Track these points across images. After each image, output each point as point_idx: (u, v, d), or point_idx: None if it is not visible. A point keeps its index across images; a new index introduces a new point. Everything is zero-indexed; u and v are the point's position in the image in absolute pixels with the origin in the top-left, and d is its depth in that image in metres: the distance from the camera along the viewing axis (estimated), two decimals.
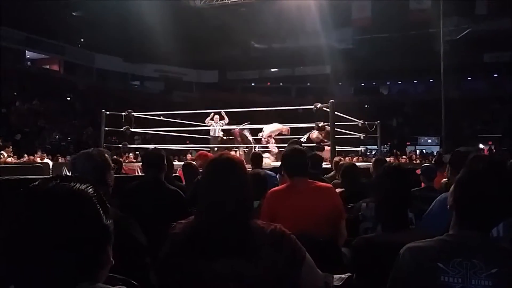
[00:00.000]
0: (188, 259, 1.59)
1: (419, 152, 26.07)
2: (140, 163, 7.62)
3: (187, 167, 5.53)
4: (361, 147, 16.89)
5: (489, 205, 1.47)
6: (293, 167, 3.11)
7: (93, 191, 1.03)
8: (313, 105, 8.76)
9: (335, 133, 8.33)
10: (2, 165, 11.01)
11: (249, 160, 5.55)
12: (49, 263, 0.93)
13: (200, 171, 5.13)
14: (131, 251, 1.94)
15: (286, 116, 10.95)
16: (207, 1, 25.18)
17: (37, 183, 1.01)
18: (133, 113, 10.49)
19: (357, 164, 6.67)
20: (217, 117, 11.89)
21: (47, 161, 13.53)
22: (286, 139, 11.02)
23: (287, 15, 25.30)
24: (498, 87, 30.72)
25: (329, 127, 8.38)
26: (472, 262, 1.42)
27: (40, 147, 16.65)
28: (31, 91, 24.63)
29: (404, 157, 21.69)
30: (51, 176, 1.07)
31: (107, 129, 10.20)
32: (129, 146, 11.95)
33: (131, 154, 16.26)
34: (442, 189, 3.84)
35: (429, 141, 30.22)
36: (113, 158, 5.65)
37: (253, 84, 37.76)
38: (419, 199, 3.42)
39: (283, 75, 36.11)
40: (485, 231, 1.53)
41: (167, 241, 1.71)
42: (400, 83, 36.49)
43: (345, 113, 10.35)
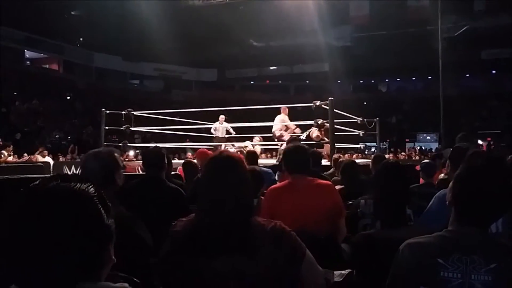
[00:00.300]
0: (189, 257, 1.60)
1: (418, 148, 26.10)
2: (140, 162, 7.62)
3: (187, 165, 5.54)
4: (360, 144, 16.89)
5: (487, 201, 1.48)
6: (294, 164, 3.10)
7: (94, 191, 1.03)
8: (312, 103, 8.77)
9: (334, 131, 8.34)
10: (2, 165, 11.01)
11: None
12: (50, 263, 0.93)
13: (200, 169, 5.14)
14: (136, 250, 1.95)
15: (277, 115, 10.91)
16: None
17: (38, 182, 1.01)
18: (133, 112, 10.49)
19: (356, 161, 6.67)
20: (222, 117, 11.88)
21: (47, 160, 13.52)
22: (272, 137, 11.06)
23: (286, 13, 25.26)
24: (496, 84, 30.71)
25: (328, 125, 8.39)
26: (471, 257, 1.43)
27: (40, 146, 16.60)
28: (30, 90, 24.61)
29: (403, 153, 21.71)
30: (51, 175, 1.07)
31: (107, 128, 10.20)
32: (129, 144, 11.96)
33: (132, 152, 16.25)
34: (439, 185, 3.83)
35: (428, 138, 30.24)
36: None
37: (252, 82, 37.74)
38: (418, 196, 3.42)
39: (282, 73, 36.07)
40: (484, 227, 1.53)
41: (167, 239, 1.71)
42: (398, 80, 36.46)
43: (344, 111, 10.37)
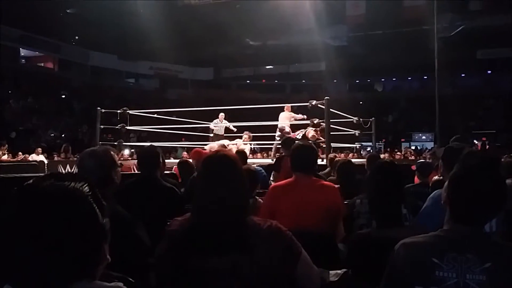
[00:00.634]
0: (184, 256, 1.60)
1: (413, 148, 26.17)
2: (135, 161, 7.60)
3: (182, 164, 5.53)
4: (356, 143, 16.91)
5: (482, 201, 1.48)
6: (300, 162, 3.11)
7: (88, 190, 1.02)
8: (308, 102, 8.78)
9: (330, 130, 8.35)
10: None
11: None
12: (44, 262, 0.93)
13: (195, 169, 5.13)
14: (134, 250, 1.94)
15: (281, 113, 10.93)
16: None
17: (31, 181, 1.00)
18: (128, 111, 10.46)
19: (352, 160, 6.68)
20: (222, 114, 11.85)
21: (42, 159, 13.47)
22: (270, 136, 11.07)
23: (282, 12, 25.26)
24: (491, 83, 30.85)
25: (324, 124, 8.40)
26: (466, 257, 1.44)
27: (35, 145, 16.56)
28: (25, 89, 24.53)
29: (398, 153, 21.76)
30: (45, 174, 1.06)
31: (102, 126, 10.17)
32: (124, 143, 11.94)
33: (127, 151, 16.22)
34: (433, 186, 3.81)
35: (424, 137, 30.33)
36: None
37: (248, 81, 37.70)
38: (413, 195, 3.43)
39: (278, 72, 36.05)
40: (479, 226, 1.54)
41: (164, 238, 1.71)
42: (394, 80, 36.54)
43: (340, 110, 10.38)
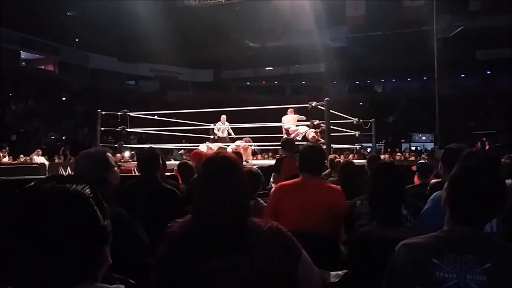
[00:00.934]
0: (185, 257, 1.60)
1: (413, 149, 26.16)
2: (136, 163, 7.60)
3: (182, 166, 5.53)
4: (356, 144, 16.90)
5: (482, 201, 1.48)
6: (308, 164, 3.12)
7: (90, 192, 1.02)
8: (308, 103, 8.77)
9: (330, 131, 8.35)
10: None
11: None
12: (46, 264, 0.93)
13: (195, 171, 5.13)
14: (134, 251, 1.94)
15: (281, 114, 10.92)
16: (201, 0, 25.14)
17: (33, 184, 1.00)
18: (128, 113, 10.45)
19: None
20: (224, 116, 11.85)
21: (43, 161, 13.49)
22: (270, 138, 11.06)
23: (282, 13, 25.29)
24: (491, 84, 30.84)
25: (324, 125, 8.39)
26: (466, 257, 1.44)
27: (36, 148, 16.57)
28: (26, 91, 24.55)
29: (398, 154, 21.75)
30: (47, 176, 1.06)
31: (102, 129, 10.16)
32: (125, 145, 11.93)
33: (127, 153, 16.24)
34: (432, 189, 3.79)
35: (424, 138, 30.30)
36: None
37: (248, 83, 37.70)
38: (413, 196, 3.42)
39: (278, 74, 36.04)
40: (479, 227, 1.54)
41: (164, 240, 1.71)
42: (394, 80, 36.54)
43: (340, 111, 10.37)
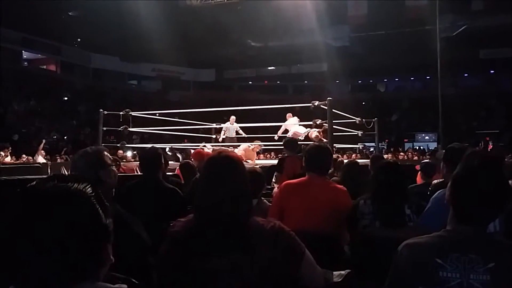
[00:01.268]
0: (187, 256, 1.60)
1: (416, 148, 26.11)
2: (138, 163, 7.61)
3: (184, 166, 5.53)
4: (359, 144, 16.90)
5: (485, 200, 1.48)
6: (313, 163, 3.11)
7: (91, 191, 1.02)
8: (310, 103, 8.76)
9: (333, 131, 8.34)
10: (0, 166, 10.97)
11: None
12: (49, 263, 0.93)
13: (197, 170, 5.13)
14: (134, 249, 1.94)
15: (283, 114, 10.92)
16: None
17: (35, 183, 1.00)
18: (130, 113, 10.46)
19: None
20: (233, 117, 11.86)
21: (45, 161, 13.52)
22: (272, 137, 11.06)
23: (284, 13, 25.28)
24: (494, 83, 30.77)
25: (326, 125, 8.39)
26: (469, 257, 1.43)
27: (38, 147, 16.61)
28: (28, 91, 24.59)
29: (401, 153, 21.71)
30: (48, 176, 1.06)
31: (105, 128, 10.17)
32: (127, 145, 11.95)
33: (129, 153, 16.25)
34: (433, 189, 3.77)
35: (427, 137, 30.23)
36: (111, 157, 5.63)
37: (250, 82, 37.73)
38: (417, 196, 3.42)
39: (280, 73, 36.03)
40: (482, 226, 1.53)
41: (166, 239, 1.71)
42: (397, 80, 36.49)
43: (343, 111, 10.36)
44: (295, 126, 10.33)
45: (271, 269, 1.56)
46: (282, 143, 6.77)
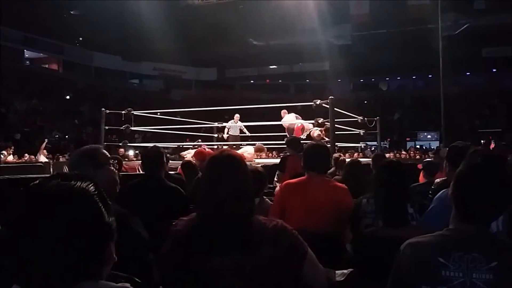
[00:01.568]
0: (190, 255, 1.60)
1: (419, 147, 26.08)
2: (140, 162, 7.61)
3: (186, 165, 5.53)
4: (361, 143, 16.87)
5: (487, 198, 1.48)
6: (313, 162, 3.11)
7: (94, 189, 1.02)
8: (312, 102, 8.75)
9: (335, 130, 8.33)
10: (2, 165, 11.00)
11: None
12: (52, 262, 0.93)
13: (199, 169, 5.13)
14: (134, 247, 1.93)
15: (284, 118, 10.91)
16: None
17: (38, 181, 1.00)
18: (132, 112, 10.46)
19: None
20: (237, 116, 11.84)
21: (47, 160, 13.55)
22: (274, 136, 11.05)
23: (285, 11, 25.26)
24: (497, 82, 30.71)
25: (328, 124, 8.38)
26: (472, 256, 1.43)
27: (40, 146, 16.65)
28: (30, 90, 24.64)
29: (403, 152, 21.68)
30: (52, 174, 1.06)
31: (107, 127, 10.17)
32: (129, 144, 11.95)
33: (131, 152, 16.27)
34: (436, 188, 3.76)
35: (429, 136, 30.21)
36: (113, 156, 5.65)
37: (252, 81, 37.73)
38: (420, 194, 3.41)
39: (281, 72, 36.02)
40: (485, 225, 1.53)
41: (169, 238, 1.71)
42: (399, 79, 36.44)
43: (345, 110, 10.35)
44: (292, 121, 10.35)
45: (273, 268, 1.56)
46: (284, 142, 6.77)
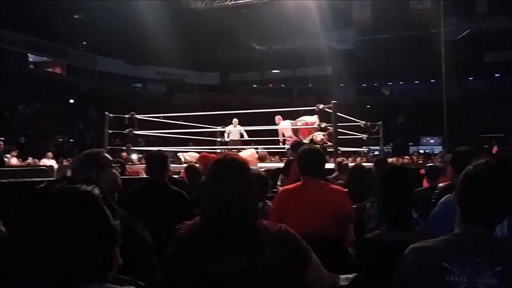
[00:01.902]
0: (193, 259, 1.60)
1: (421, 152, 26.02)
2: (143, 165, 7.61)
3: (189, 170, 5.53)
4: (364, 147, 16.82)
5: (492, 200, 1.48)
6: (307, 166, 3.09)
7: (99, 192, 1.03)
8: (315, 106, 8.74)
9: (338, 134, 8.32)
10: (7, 168, 11.01)
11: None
12: (57, 264, 0.93)
13: (202, 173, 5.13)
14: (137, 249, 1.93)
15: (288, 117, 10.91)
16: (208, 3, 25.20)
17: (43, 185, 1.01)
18: (136, 116, 10.46)
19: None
20: (235, 120, 11.85)
21: (51, 163, 13.59)
22: (277, 140, 11.05)
23: (288, 16, 25.29)
24: (499, 86, 30.67)
25: (331, 128, 8.37)
26: (476, 260, 1.43)
27: (44, 150, 16.70)
28: (34, 94, 24.72)
29: (406, 157, 21.62)
30: (57, 177, 1.07)
31: (110, 131, 10.17)
32: (132, 148, 11.96)
33: (134, 156, 16.28)
34: (440, 193, 3.74)
35: (432, 141, 30.14)
36: (117, 159, 5.66)
37: (254, 85, 37.72)
38: (423, 199, 3.40)
39: (284, 76, 36.01)
40: (489, 229, 1.53)
41: (173, 242, 1.71)
42: (401, 83, 36.44)
43: (347, 114, 10.32)
44: (287, 130, 10.36)
45: (278, 272, 1.55)
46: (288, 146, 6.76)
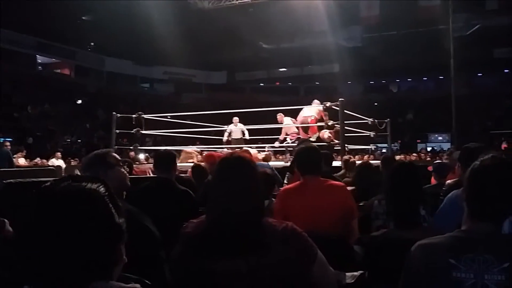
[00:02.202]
0: (200, 258, 1.60)
1: (430, 149, 25.87)
2: (151, 165, 7.64)
3: (196, 169, 5.54)
4: (371, 145, 16.76)
5: (499, 198, 1.47)
6: (306, 165, 3.08)
7: (104, 190, 1.03)
8: (322, 104, 8.73)
9: (345, 132, 8.30)
10: (15, 168, 11.10)
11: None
12: (62, 262, 0.94)
13: (208, 173, 5.14)
14: (146, 242, 1.94)
15: (295, 115, 10.90)
16: (214, 2, 25.21)
17: (49, 183, 1.01)
18: (143, 115, 10.50)
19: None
20: (236, 119, 11.83)
21: (60, 164, 13.68)
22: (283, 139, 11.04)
23: (295, 14, 25.22)
24: (509, 83, 30.35)
25: (338, 126, 8.35)
26: (483, 257, 1.42)
27: (52, 151, 16.82)
28: (42, 95, 24.88)
29: (414, 154, 21.50)
30: (63, 176, 1.07)
31: (118, 131, 10.22)
32: (140, 147, 12.01)
33: (142, 155, 16.36)
34: (448, 190, 3.73)
35: (440, 138, 29.98)
36: (124, 159, 5.68)
37: (262, 84, 37.71)
38: (431, 196, 3.39)
39: (291, 75, 35.99)
40: (497, 223, 1.52)
41: (179, 240, 1.72)
42: (409, 80, 36.24)
43: (355, 112, 10.30)
44: (291, 127, 10.35)
45: (284, 269, 1.56)
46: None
